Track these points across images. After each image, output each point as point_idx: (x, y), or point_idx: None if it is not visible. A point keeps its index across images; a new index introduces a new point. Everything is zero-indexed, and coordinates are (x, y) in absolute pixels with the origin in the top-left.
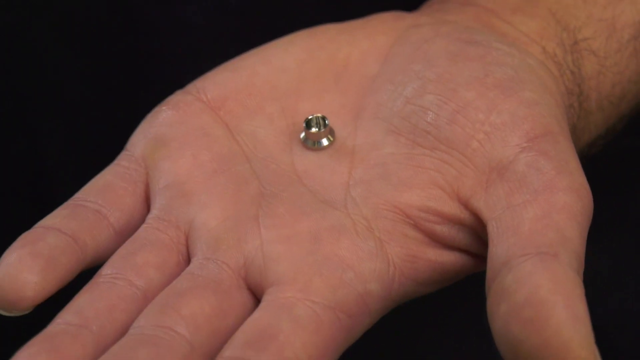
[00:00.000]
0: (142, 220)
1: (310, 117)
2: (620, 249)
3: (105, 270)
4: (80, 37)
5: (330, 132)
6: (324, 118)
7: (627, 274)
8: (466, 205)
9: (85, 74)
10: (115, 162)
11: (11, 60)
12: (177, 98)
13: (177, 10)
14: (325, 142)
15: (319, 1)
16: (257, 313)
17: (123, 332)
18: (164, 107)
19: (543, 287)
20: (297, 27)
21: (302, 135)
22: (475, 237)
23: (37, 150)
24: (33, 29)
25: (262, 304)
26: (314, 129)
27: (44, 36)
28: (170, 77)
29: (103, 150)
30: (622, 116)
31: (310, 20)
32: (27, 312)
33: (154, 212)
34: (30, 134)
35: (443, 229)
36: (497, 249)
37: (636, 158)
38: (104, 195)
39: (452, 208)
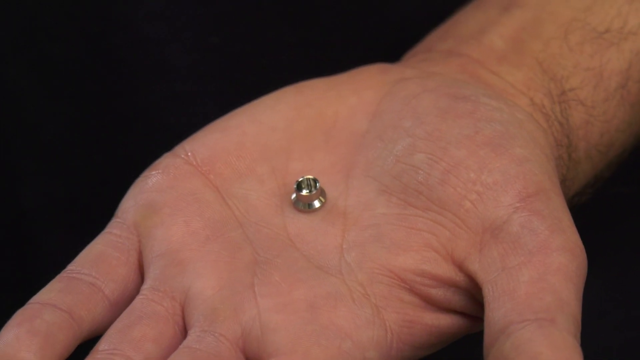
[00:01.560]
0: (137, 289)
1: (300, 179)
2: (604, 278)
3: (102, 345)
4: (59, 78)
5: (322, 194)
6: (315, 180)
7: (611, 304)
8: (461, 267)
9: (65, 116)
10: (107, 230)
11: None
12: (167, 161)
13: (157, 51)
14: (317, 204)
15: (299, 40)
16: None
17: None
18: (153, 172)
19: (543, 355)
20: (280, 66)
21: (294, 197)
22: (471, 299)
23: (16, 193)
24: (12, 70)
25: None
26: (305, 192)
27: (23, 77)
28: (151, 117)
29: (83, 195)
30: (610, 164)
31: (292, 57)
32: None
33: (148, 282)
34: (8, 177)
35: (438, 292)
36: (494, 314)
37: (624, 205)
38: (98, 266)
39: (446, 271)
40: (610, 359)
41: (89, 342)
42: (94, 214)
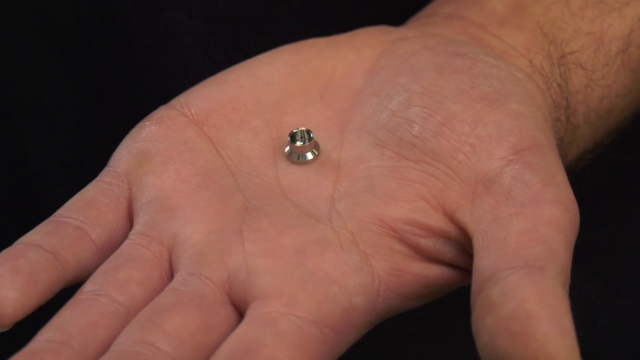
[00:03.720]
0: (125, 236)
1: (294, 131)
2: (610, 273)
3: (88, 287)
4: (65, 43)
5: (315, 146)
6: (308, 132)
7: (616, 298)
8: (451, 218)
9: (70, 80)
10: (98, 178)
11: None
12: (161, 113)
13: (163, 16)
14: (310, 155)
15: (306, 5)
16: (241, 328)
17: (105, 348)
18: (147, 122)
19: (529, 301)
20: (286, 31)
21: (287, 149)
22: (461, 251)
23: (22, 155)
24: (17, 34)
25: (246, 319)
26: (298, 143)
27: (28, 41)
28: (157, 83)
29: (88, 156)
30: (610, 130)
31: (298, 23)
32: (7, 329)
33: (137, 227)
34: (14, 139)
35: (428, 243)
36: (483, 262)
37: (623, 173)
38: (86, 211)
39: (437, 221)
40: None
41: (75, 288)
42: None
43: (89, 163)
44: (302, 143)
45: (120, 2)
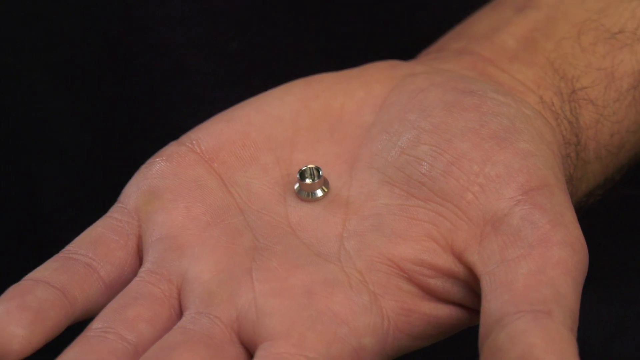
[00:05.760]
0: (134, 274)
1: (304, 168)
2: (624, 297)
3: (96, 324)
4: (79, 81)
5: (325, 183)
6: (317, 169)
7: (631, 322)
8: (460, 258)
9: (83, 118)
10: (108, 214)
11: (9, 102)
12: (171, 149)
13: (176, 55)
14: (319, 193)
15: (318, 47)
16: None
17: None
18: (157, 159)
19: (537, 347)
20: (298, 72)
21: (296, 186)
22: (470, 291)
23: (35, 193)
24: (32, 72)
25: None
26: (308, 180)
27: (43, 79)
28: (169, 122)
29: (100, 195)
30: (620, 166)
31: (311, 64)
32: None
33: (146, 265)
34: (28, 178)
35: (437, 283)
36: (491, 305)
37: (635, 208)
38: (95, 248)
39: (446, 261)
40: None
41: (84, 324)
42: None
43: (101, 201)
44: (311, 180)
45: (134, 42)
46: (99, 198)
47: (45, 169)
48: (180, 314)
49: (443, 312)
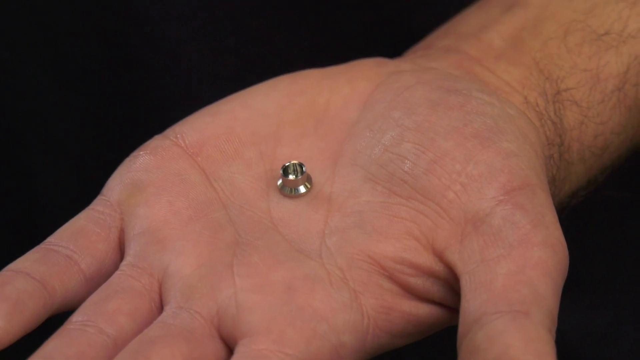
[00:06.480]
0: (115, 266)
1: (287, 164)
2: (616, 303)
3: (76, 317)
4: (75, 76)
5: (308, 180)
6: (301, 165)
7: (623, 328)
8: (440, 257)
9: (79, 113)
10: (90, 206)
11: (5, 97)
12: (155, 143)
13: (172, 50)
14: (302, 189)
15: (314, 43)
16: None
17: None
18: (141, 152)
19: (514, 347)
20: (294, 68)
21: (280, 182)
22: (450, 290)
23: (31, 188)
24: (28, 67)
25: (235, 356)
26: (291, 176)
27: (39, 74)
28: (165, 117)
29: (97, 189)
30: (604, 168)
31: (307, 61)
32: None
33: (127, 258)
34: (24, 172)
35: (417, 281)
36: (470, 305)
37: (618, 210)
38: (76, 240)
39: (426, 260)
40: None
41: (65, 317)
42: None
43: (96, 195)
44: (294, 177)
45: (130, 37)
46: (94, 192)
47: (41, 163)
48: (161, 308)
49: (423, 310)
